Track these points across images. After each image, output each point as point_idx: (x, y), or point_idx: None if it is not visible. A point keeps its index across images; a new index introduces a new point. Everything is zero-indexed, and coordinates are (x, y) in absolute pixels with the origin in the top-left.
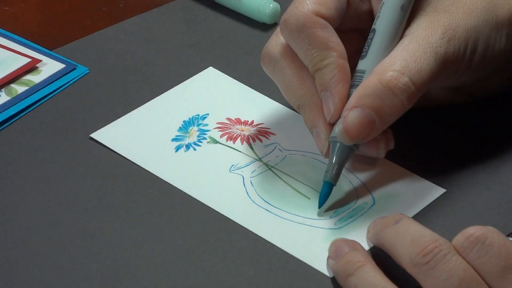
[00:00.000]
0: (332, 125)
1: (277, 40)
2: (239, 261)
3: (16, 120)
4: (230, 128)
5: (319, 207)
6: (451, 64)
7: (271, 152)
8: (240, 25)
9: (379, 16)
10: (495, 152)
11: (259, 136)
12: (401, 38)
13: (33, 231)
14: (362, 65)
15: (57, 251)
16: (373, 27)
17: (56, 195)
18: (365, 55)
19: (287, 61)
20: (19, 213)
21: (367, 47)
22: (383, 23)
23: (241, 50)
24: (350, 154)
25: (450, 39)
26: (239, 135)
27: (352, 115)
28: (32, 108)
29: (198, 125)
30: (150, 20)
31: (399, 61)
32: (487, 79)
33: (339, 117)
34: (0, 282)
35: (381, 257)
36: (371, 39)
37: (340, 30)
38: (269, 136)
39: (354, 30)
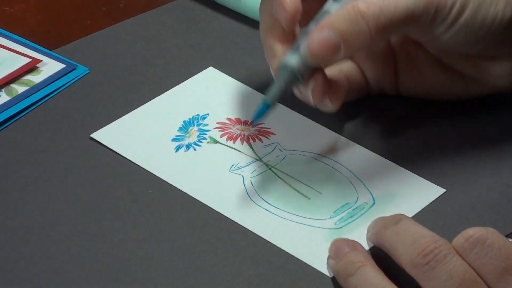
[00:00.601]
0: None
1: None
2: (239, 261)
3: (16, 120)
4: (230, 128)
5: (252, 121)
6: (434, 12)
7: (271, 152)
8: (240, 25)
9: None
10: (495, 152)
11: (259, 136)
12: None
13: (33, 231)
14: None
15: (57, 251)
16: None
17: (56, 195)
18: None
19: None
20: (19, 213)
21: None
22: None
23: (241, 50)
24: (292, 81)
25: None
26: (239, 135)
27: (319, 35)
28: (32, 108)
29: (198, 125)
30: (150, 20)
31: None
32: (494, 63)
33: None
34: (0, 282)
35: (381, 257)
36: None
37: None
38: (269, 136)
39: None
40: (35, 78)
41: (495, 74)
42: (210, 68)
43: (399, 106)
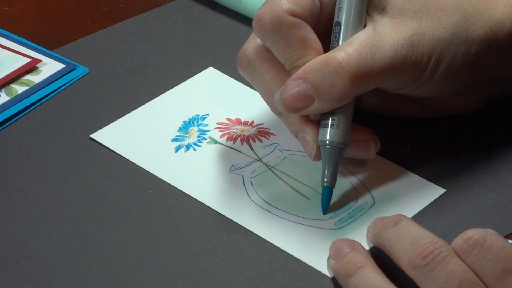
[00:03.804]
0: (317, 127)
1: (254, 43)
2: (239, 261)
3: (16, 120)
4: (230, 129)
5: (324, 213)
6: (410, 69)
7: (271, 152)
8: (240, 25)
9: (340, 7)
10: (495, 153)
11: (259, 137)
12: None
13: (33, 231)
14: None
15: (57, 251)
16: (336, 19)
17: (56, 195)
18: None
19: (265, 65)
20: (19, 213)
21: (335, 41)
22: (347, 15)
23: (240, 50)
24: (341, 154)
25: (414, 45)
26: (239, 136)
27: (291, 85)
28: (32, 108)
29: (198, 125)
30: (150, 20)
31: (354, 45)
32: (454, 98)
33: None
34: (0, 282)
35: (381, 257)
36: (338, 33)
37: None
38: (269, 136)
39: (327, 35)
40: (35, 78)
41: (454, 105)
42: (210, 68)
43: None
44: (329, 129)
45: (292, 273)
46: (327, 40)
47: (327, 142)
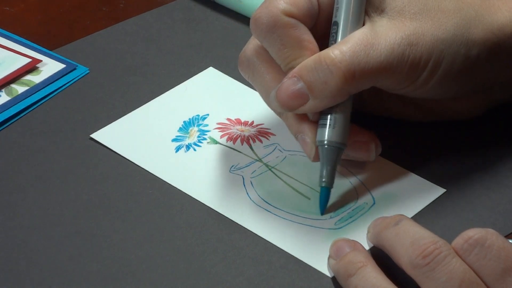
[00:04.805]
0: (316, 128)
1: (254, 44)
2: (239, 261)
3: (16, 120)
4: (230, 129)
5: (321, 213)
6: (407, 69)
7: (271, 152)
8: (240, 25)
9: (338, 7)
10: (495, 153)
11: (259, 137)
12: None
13: (33, 231)
14: None
15: (57, 251)
16: (334, 19)
17: (56, 195)
18: None
19: (265, 66)
20: (19, 213)
21: (333, 41)
22: (345, 14)
23: (241, 50)
24: (339, 154)
25: (412, 44)
26: (239, 136)
27: (286, 83)
28: (32, 108)
29: (198, 125)
30: (150, 20)
31: (349, 43)
32: (454, 102)
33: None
34: (0, 282)
35: (381, 257)
36: (336, 32)
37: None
38: (269, 136)
39: (326, 36)
40: (35, 78)
41: (454, 109)
42: (210, 68)
43: None
44: (326, 129)
45: (292, 273)
46: (327, 41)
47: (325, 142)
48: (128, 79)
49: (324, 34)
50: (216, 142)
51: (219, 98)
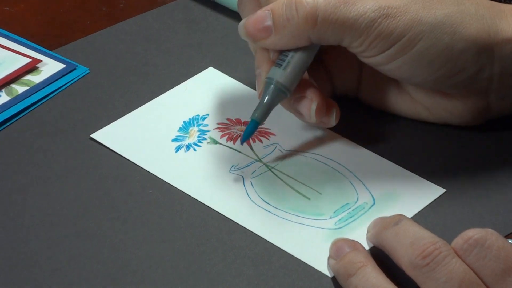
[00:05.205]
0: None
1: None
2: (239, 261)
3: (16, 120)
4: (230, 129)
5: (241, 143)
6: (374, 37)
7: (271, 152)
8: None
9: None
10: (495, 153)
11: (259, 137)
12: None
13: (33, 231)
14: None
15: (57, 251)
16: None
17: (56, 195)
18: None
19: (252, 4)
20: (19, 213)
21: None
22: None
23: (241, 50)
24: (280, 97)
25: (389, 16)
26: (239, 136)
27: (257, 14)
28: (32, 108)
29: (198, 125)
30: (150, 20)
31: None
32: (446, 101)
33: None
34: (0, 282)
35: (381, 257)
36: None
37: None
38: (269, 136)
39: None
40: (35, 78)
41: (446, 109)
42: (210, 68)
43: None
44: (277, 68)
45: (292, 273)
46: None
47: (271, 80)
48: (128, 79)
49: None
50: (216, 142)
51: (219, 98)
